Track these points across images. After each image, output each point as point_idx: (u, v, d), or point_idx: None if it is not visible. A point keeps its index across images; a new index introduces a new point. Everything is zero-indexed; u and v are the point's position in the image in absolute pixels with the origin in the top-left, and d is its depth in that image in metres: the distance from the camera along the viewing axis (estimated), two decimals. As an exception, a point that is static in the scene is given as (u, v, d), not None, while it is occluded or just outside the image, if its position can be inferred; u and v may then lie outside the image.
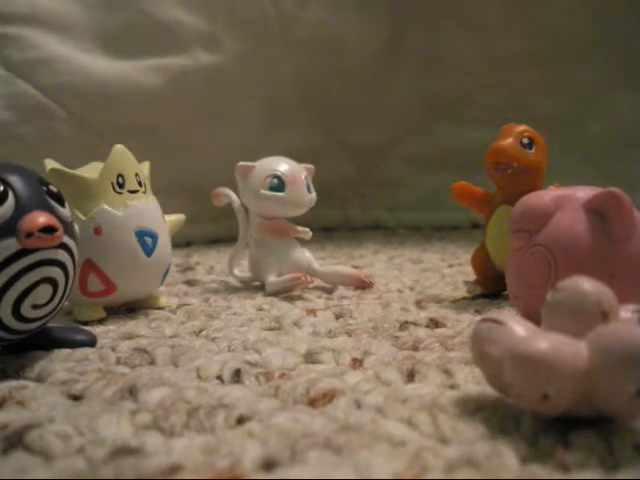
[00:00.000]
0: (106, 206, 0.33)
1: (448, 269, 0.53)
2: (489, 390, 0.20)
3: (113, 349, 0.28)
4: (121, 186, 0.33)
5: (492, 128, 0.39)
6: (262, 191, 0.40)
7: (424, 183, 0.93)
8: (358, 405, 0.20)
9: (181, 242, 0.62)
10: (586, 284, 0.19)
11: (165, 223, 0.37)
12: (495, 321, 0.19)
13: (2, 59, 0.65)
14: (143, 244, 0.34)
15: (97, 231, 0.32)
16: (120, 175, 0.34)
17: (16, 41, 0.65)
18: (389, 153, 0.96)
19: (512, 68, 0.93)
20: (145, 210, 0.34)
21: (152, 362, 0.26)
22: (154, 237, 0.34)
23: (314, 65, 0.87)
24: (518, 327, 0.19)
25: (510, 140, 0.36)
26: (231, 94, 0.78)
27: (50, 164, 0.33)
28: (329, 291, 0.42)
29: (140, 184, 0.35)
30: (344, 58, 0.90)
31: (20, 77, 0.65)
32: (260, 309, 0.36)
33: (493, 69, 0.94)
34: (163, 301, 0.37)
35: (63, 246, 0.25)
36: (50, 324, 0.27)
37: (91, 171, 0.33)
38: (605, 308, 0.18)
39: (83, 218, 0.32)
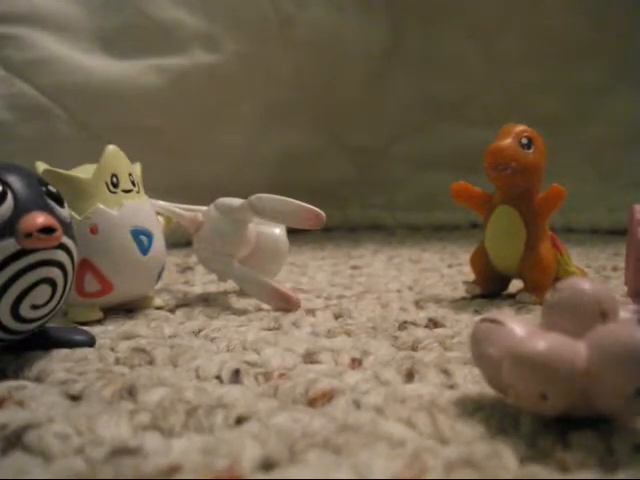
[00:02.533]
0: (101, 205, 0.33)
1: (447, 269, 0.53)
2: (488, 390, 0.20)
3: (112, 349, 0.28)
4: (115, 186, 0.34)
5: (492, 128, 0.39)
6: None
7: (423, 183, 0.93)
8: (357, 405, 0.20)
9: (181, 242, 0.62)
10: (585, 284, 0.19)
11: (159, 222, 0.37)
12: (494, 321, 0.19)
13: (2, 59, 0.65)
14: (139, 243, 0.34)
15: (93, 230, 0.32)
16: (114, 175, 0.34)
17: (16, 41, 0.65)
18: (389, 153, 0.96)
19: (512, 68, 0.93)
20: (140, 209, 0.35)
21: (151, 362, 0.26)
22: (149, 236, 0.35)
23: (314, 65, 0.87)
24: (517, 327, 0.19)
25: (509, 140, 0.36)
26: (231, 94, 0.78)
27: (41, 166, 0.33)
28: (328, 291, 0.42)
29: (133, 184, 0.35)
30: (344, 58, 0.90)
31: (20, 77, 0.65)
32: (259, 309, 0.36)
33: (493, 69, 0.94)
34: (158, 301, 0.37)
35: (62, 247, 0.25)
36: (49, 324, 0.27)
37: (84, 172, 0.33)
38: (604, 308, 0.18)
39: (79, 218, 0.32)
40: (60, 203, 0.26)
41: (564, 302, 0.19)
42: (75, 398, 0.22)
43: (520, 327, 0.19)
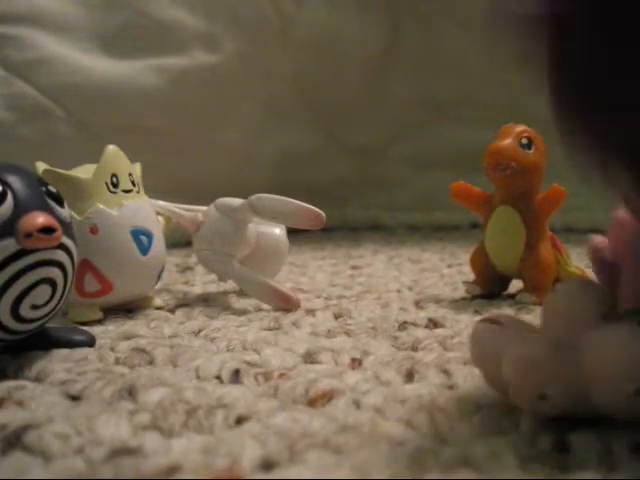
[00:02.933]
0: (101, 205, 0.33)
1: (447, 269, 0.53)
2: (488, 390, 0.20)
3: (112, 349, 0.28)
4: (115, 186, 0.34)
5: (492, 128, 0.39)
6: None
7: (423, 183, 0.93)
8: (357, 405, 0.20)
9: (181, 242, 0.62)
10: (585, 285, 0.19)
11: (159, 222, 0.37)
12: (494, 321, 0.19)
13: (2, 59, 0.65)
14: (139, 243, 0.34)
15: (93, 230, 0.33)
16: (114, 175, 0.34)
17: (15, 41, 0.65)
18: (388, 153, 0.96)
19: (512, 68, 0.93)
20: (140, 209, 0.35)
21: (151, 362, 0.26)
22: (149, 236, 0.35)
23: (314, 65, 0.87)
24: (517, 327, 0.19)
25: (509, 140, 0.36)
26: (231, 94, 0.78)
27: (41, 166, 0.33)
28: (328, 291, 0.42)
29: (133, 184, 0.35)
30: (343, 58, 0.90)
31: (19, 77, 0.65)
32: (259, 309, 0.36)
33: (493, 69, 0.94)
34: (158, 301, 0.37)
35: (62, 247, 0.25)
36: (49, 324, 0.27)
37: (84, 172, 0.33)
38: (604, 308, 0.18)
39: (79, 218, 0.32)
40: (60, 203, 0.26)
41: (564, 302, 0.19)
42: (75, 398, 0.22)
43: (520, 327, 0.19)
